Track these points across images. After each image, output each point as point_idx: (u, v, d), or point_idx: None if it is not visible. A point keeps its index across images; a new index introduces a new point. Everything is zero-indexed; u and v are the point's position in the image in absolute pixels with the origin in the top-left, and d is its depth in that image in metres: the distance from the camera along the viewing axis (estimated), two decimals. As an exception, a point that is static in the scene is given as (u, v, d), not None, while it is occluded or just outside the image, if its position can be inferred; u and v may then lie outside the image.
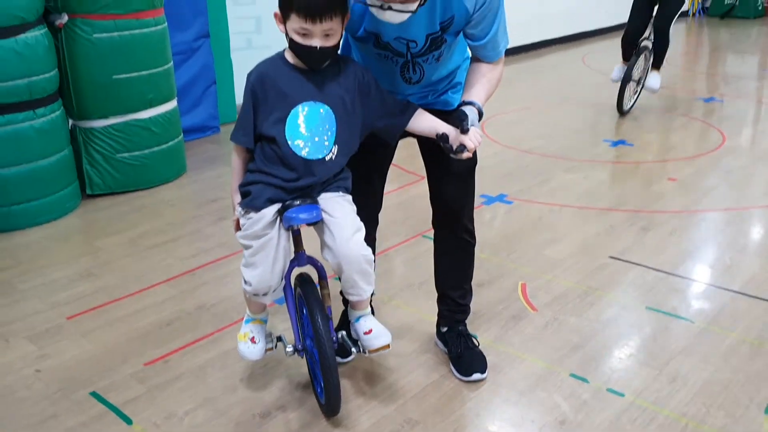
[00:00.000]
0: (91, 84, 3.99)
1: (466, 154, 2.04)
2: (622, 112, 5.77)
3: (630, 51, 5.68)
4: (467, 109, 2.09)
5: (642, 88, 5.96)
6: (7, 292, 3.12)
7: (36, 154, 3.71)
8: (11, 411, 2.35)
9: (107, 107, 4.05)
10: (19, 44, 3.55)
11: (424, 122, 2.15)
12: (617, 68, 5.87)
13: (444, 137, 2.05)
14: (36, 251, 3.51)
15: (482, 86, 2.16)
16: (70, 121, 4.10)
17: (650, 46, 5.72)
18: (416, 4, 1.85)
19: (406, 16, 1.88)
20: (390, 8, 1.84)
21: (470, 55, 2.31)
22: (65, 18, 3.85)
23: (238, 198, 2.17)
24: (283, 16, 1.95)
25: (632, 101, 5.93)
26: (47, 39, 3.76)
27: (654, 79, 5.82)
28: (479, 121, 2.10)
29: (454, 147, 2.04)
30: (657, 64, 5.82)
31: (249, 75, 2.07)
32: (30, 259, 3.42)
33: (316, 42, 1.93)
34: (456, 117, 2.07)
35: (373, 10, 1.89)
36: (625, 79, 5.63)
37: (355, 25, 2.05)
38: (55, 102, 3.86)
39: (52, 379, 2.50)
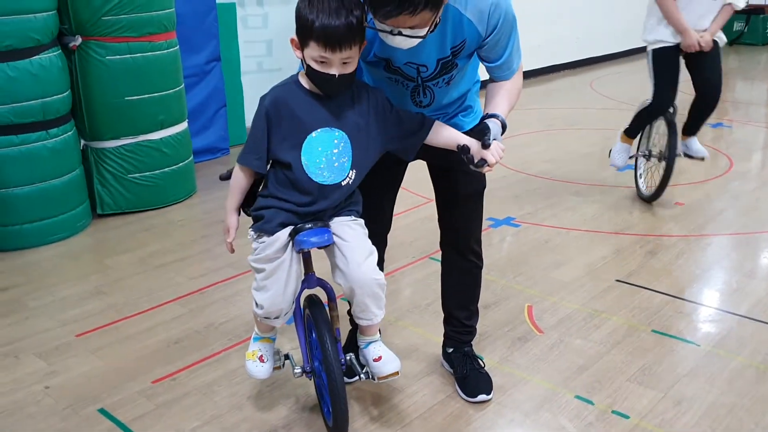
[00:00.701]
0: (103, 105, 4.05)
1: (486, 169, 2.01)
2: (651, 199, 4.35)
3: (645, 126, 4.39)
4: (490, 122, 2.05)
5: (668, 161, 4.24)
6: (17, 309, 3.15)
7: (48, 173, 3.77)
8: (21, 427, 2.37)
9: (119, 128, 4.11)
10: (33, 66, 3.62)
11: (444, 134, 2.12)
12: (619, 149, 4.44)
13: (465, 149, 2.01)
14: (47, 269, 3.55)
15: (503, 98, 2.14)
16: (82, 142, 4.15)
17: (672, 112, 4.28)
18: (426, 30, 1.85)
19: (416, 41, 1.88)
20: (400, 33, 1.84)
21: (480, 79, 2.34)
22: (79, 40, 3.92)
23: (233, 220, 2.16)
24: (301, 43, 1.95)
25: (657, 181, 4.29)
26: (61, 61, 3.83)
27: (698, 145, 4.45)
28: (503, 133, 2.07)
29: (476, 160, 2.00)
30: (694, 131, 4.40)
31: (263, 99, 2.06)
32: (41, 277, 3.45)
33: (335, 70, 1.93)
34: (479, 130, 2.03)
35: (383, 35, 1.89)
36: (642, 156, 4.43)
37: (365, 50, 2.06)
38: (67, 122, 3.92)
39: (61, 396, 2.53)
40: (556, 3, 8.54)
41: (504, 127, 2.09)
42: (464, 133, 2.14)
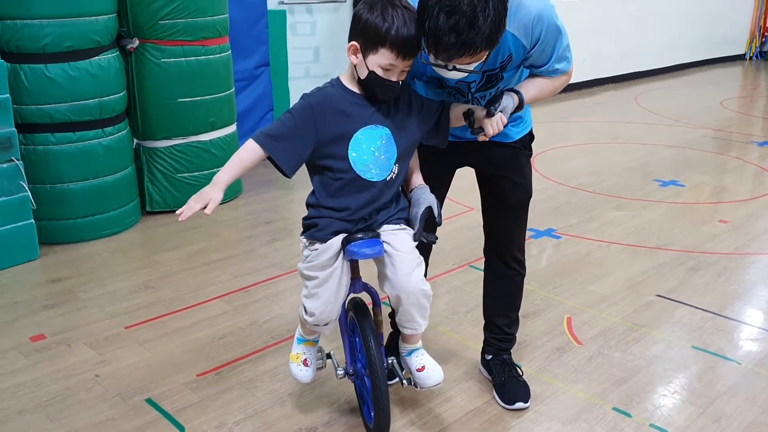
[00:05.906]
0: (156, 106, 4.17)
1: (481, 137, 2.05)
2: None
3: None
4: (507, 94, 2.10)
5: None
6: (70, 300, 3.26)
7: (102, 170, 3.89)
8: (72, 412, 2.46)
9: (171, 128, 4.23)
10: (93, 66, 3.75)
11: (459, 109, 2.15)
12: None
13: (469, 112, 2.08)
14: (98, 263, 3.66)
15: (534, 86, 2.18)
16: (135, 141, 4.28)
17: None
18: (480, 64, 1.93)
19: (468, 73, 1.94)
20: (455, 68, 1.91)
21: None
22: (136, 42, 4.05)
23: (219, 196, 2.08)
24: (367, 49, 1.97)
25: None
26: (118, 62, 3.96)
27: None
28: (517, 110, 2.12)
29: (474, 126, 2.07)
30: None
31: (308, 96, 2.08)
32: (92, 270, 3.57)
33: (395, 77, 2.00)
34: (492, 98, 2.10)
35: (438, 69, 1.95)
36: None
37: (420, 71, 2.15)
38: (122, 122, 4.05)
39: (111, 384, 2.62)
40: (601, 18, 8.52)
41: (521, 104, 2.12)
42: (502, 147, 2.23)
